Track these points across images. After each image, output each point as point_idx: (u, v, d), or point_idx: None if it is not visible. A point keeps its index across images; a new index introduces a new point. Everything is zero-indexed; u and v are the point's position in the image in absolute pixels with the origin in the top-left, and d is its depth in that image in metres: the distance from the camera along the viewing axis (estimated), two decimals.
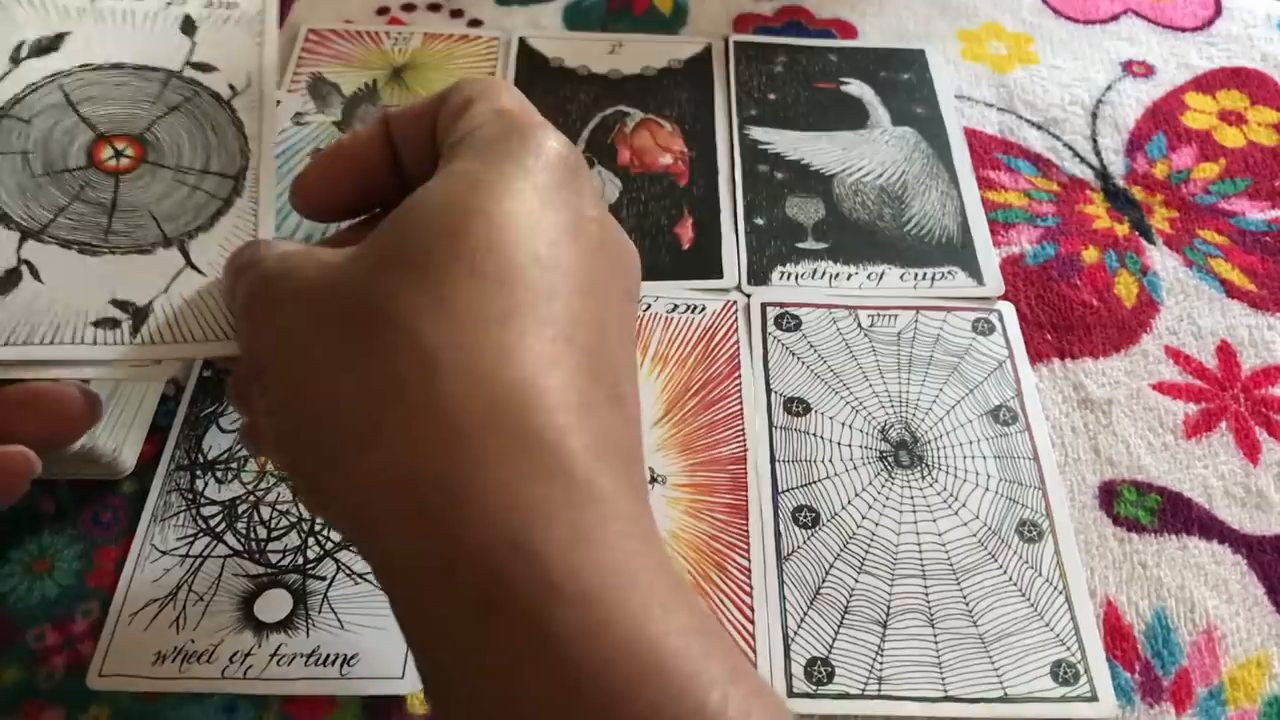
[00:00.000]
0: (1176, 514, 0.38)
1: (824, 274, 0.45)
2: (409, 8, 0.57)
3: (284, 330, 0.23)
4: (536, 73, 0.53)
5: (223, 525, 0.37)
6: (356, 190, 0.28)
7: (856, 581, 0.36)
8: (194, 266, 0.30)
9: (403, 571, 0.20)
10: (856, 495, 0.38)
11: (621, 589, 0.18)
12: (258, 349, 0.24)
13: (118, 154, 0.31)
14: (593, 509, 0.19)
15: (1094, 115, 0.52)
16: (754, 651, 0.34)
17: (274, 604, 0.35)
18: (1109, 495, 0.39)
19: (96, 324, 0.29)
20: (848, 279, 0.45)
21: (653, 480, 0.38)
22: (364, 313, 0.21)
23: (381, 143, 0.27)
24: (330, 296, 0.22)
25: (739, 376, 0.41)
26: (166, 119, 0.32)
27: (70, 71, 0.32)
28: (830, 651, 0.35)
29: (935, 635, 0.35)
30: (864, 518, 0.38)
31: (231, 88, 0.32)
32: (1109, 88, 0.53)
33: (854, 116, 0.52)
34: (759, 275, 0.45)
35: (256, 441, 0.32)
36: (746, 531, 0.37)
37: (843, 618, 0.35)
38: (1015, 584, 0.36)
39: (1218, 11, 0.57)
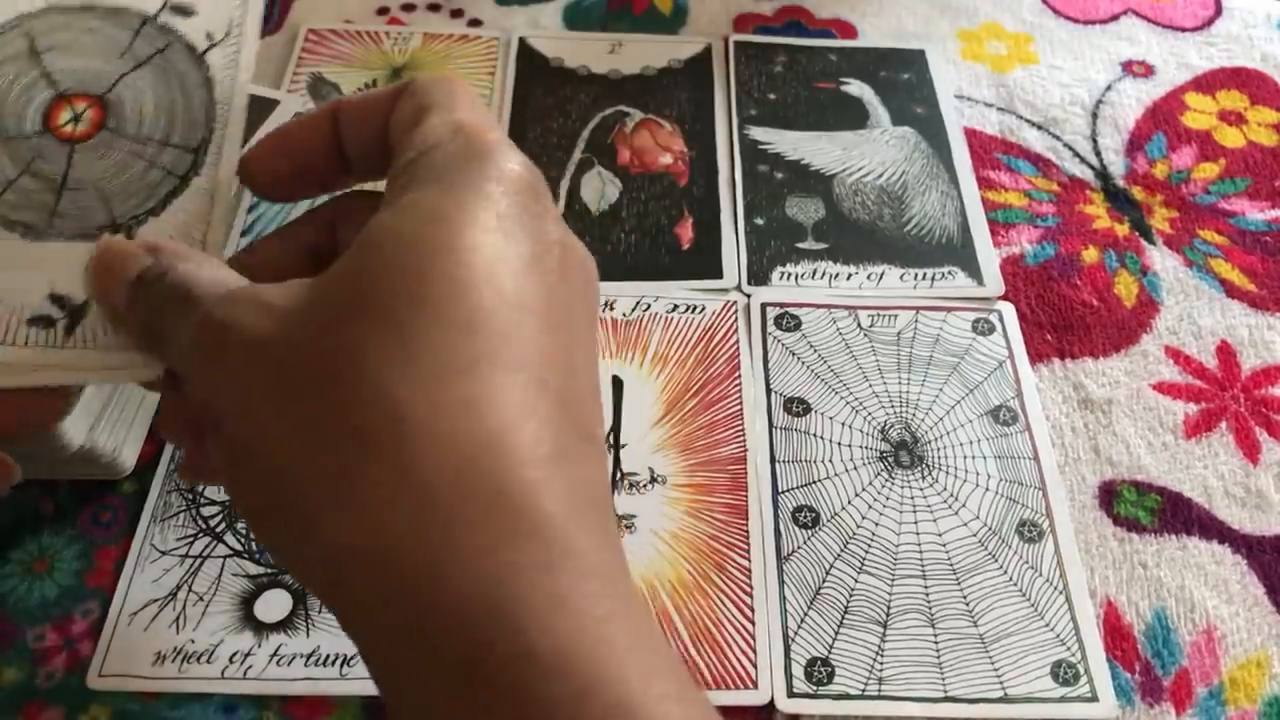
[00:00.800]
0: (1176, 514, 0.38)
1: (824, 274, 0.45)
2: (409, 8, 0.57)
3: (241, 386, 0.21)
4: (536, 73, 0.53)
5: (222, 525, 0.37)
6: (297, 175, 0.27)
7: (856, 582, 0.36)
8: None
9: (379, 639, 0.19)
10: (856, 495, 0.38)
11: (601, 654, 0.18)
12: (212, 401, 0.22)
13: (76, 118, 0.27)
14: (569, 570, 0.18)
15: (1094, 115, 0.52)
16: (754, 651, 0.34)
17: (274, 604, 0.35)
18: (1109, 495, 0.39)
19: (31, 322, 0.25)
20: (848, 279, 0.45)
21: (652, 480, 0.38)
22: (328, 366, 0.20)
23: (326, 132, 0.26)
24: (290, 352, 0.21)
25: (739, 376, 0.41)
26: (133, 76, 0.28)
27: (38, 13, 0.28)
28: (830, 652, 0.35)
29: (935, 635, 0.35)
30: (864, 518, 0.38)
31: (209, 37, 0.28)
32: (1109, 88, 0.53)
33: (854, 116, 0.52)
34: (759, 275, 0.45)
35: (202, 475, 0.30)
36: (746, 531, 0.37)
37: (843, 618, 0.35)
38: (1015, 584, 0.36)
39: (1218, 11, 0.57)
